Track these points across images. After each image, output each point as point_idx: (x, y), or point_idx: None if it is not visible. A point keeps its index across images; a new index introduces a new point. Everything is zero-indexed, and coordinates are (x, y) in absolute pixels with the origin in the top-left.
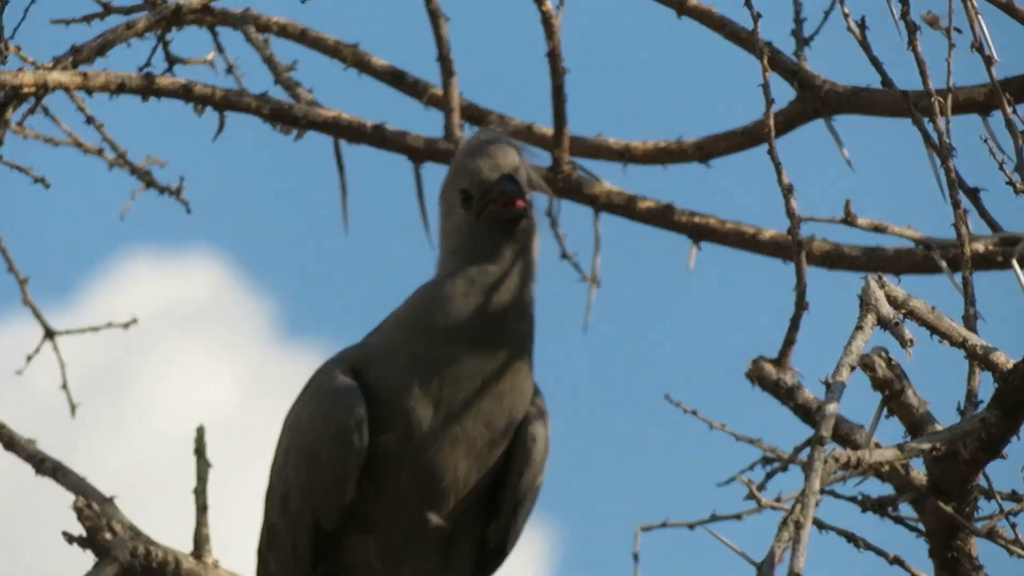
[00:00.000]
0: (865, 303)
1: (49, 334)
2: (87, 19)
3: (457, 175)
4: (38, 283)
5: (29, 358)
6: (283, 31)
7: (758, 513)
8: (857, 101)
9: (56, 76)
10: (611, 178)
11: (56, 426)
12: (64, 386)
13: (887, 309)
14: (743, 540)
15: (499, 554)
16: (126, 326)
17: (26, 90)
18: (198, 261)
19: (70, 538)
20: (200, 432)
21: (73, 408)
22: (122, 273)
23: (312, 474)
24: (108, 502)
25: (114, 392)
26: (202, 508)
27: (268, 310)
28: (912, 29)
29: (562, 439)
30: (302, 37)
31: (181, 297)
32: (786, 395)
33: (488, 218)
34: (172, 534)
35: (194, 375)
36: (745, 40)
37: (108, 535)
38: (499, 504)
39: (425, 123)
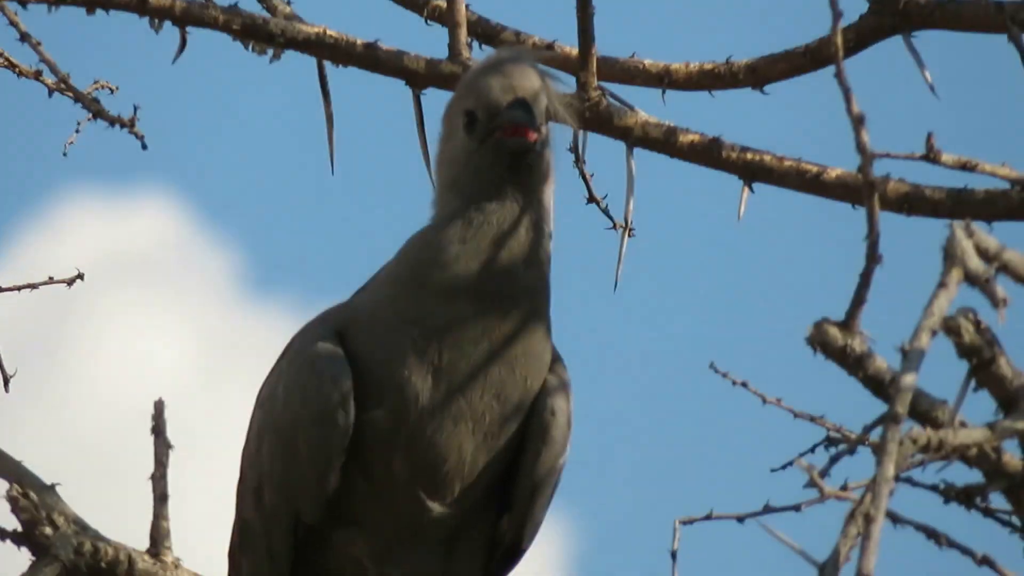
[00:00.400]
0: (950, 255)
1: None
2: None
3: (464, 93)
4: None
5: None
6: None
7: (820, 504)
8: (942, 14)
9: None
10: (647, 107)
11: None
12: None
13: (976, 263)
14: (802, 536)
15: (513, 551)
16: (70, 282)
17: None
18: (150, 202)
19: (2, 533)
20: (159, 408)
21: (7, 379)
22: (60, 217)
23: (289, 459)
24: (48, 490)
25: (51, 359)
26: (161, 497)
27: (233, 262)
28: None
29: (586, 414)
30: None
31: (130, 245)
32: (854, 364)
33: (491, 147)
34: (125, 528)
35: (146, 339)
36: None
37: (48, 529)
38: (513, 491)
39: (426, 41)
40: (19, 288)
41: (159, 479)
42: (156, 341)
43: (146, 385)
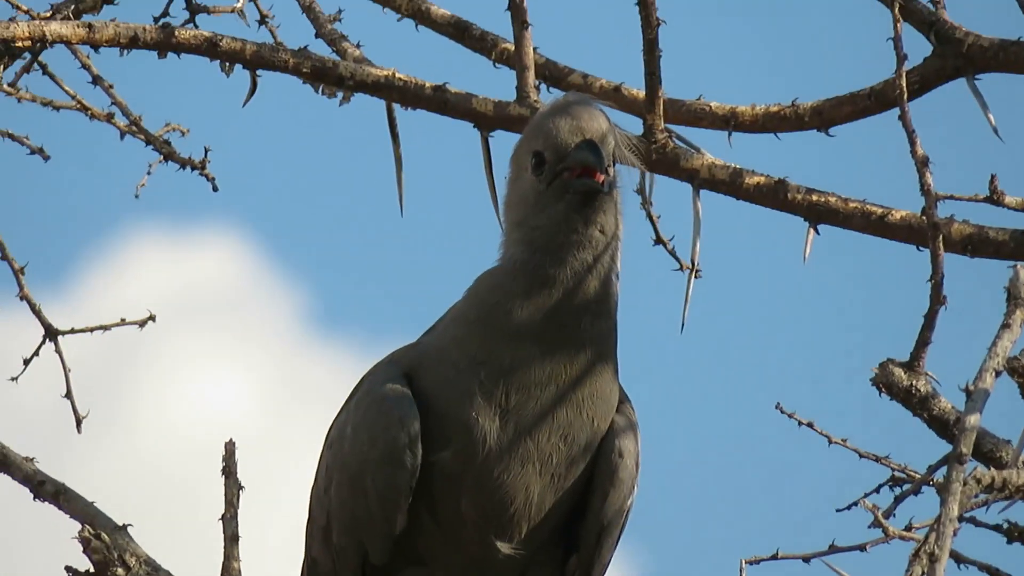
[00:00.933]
0: (1013, 296)
1: (50, 333)
2: None
3: (532, 134)
4: (29, 267)
5: (27, 362)
6: None
7: (885, 543)
8: (1005, 57)
9: (56, 28)
10: (714, 149)
11: (56, 441)
12: (68, 394)
13: None
14: (868, 575)
15: None
16: (142, 324)
17: (20, 44)
18: (218, 241)
19: (75, 573)
20: (229, 449)
21: (79, 421)
22: (126, 254)
23: (357, 499)
24: (120, 530)
25: (120, 399)
26: (232, 538)
27: (300, 300)
28: None
29: (653, 454)
30: None
31: (198, 283)
32: (919, 404)
33: (558, 189)
34: (196, 567)
35: (213, 377)
36: None
37: (120, 570)
38: (580, 532)
39: (494, 84)
40: (91, 330)
41: (230, 520)
42: (223, 379)
43: (213, 423)
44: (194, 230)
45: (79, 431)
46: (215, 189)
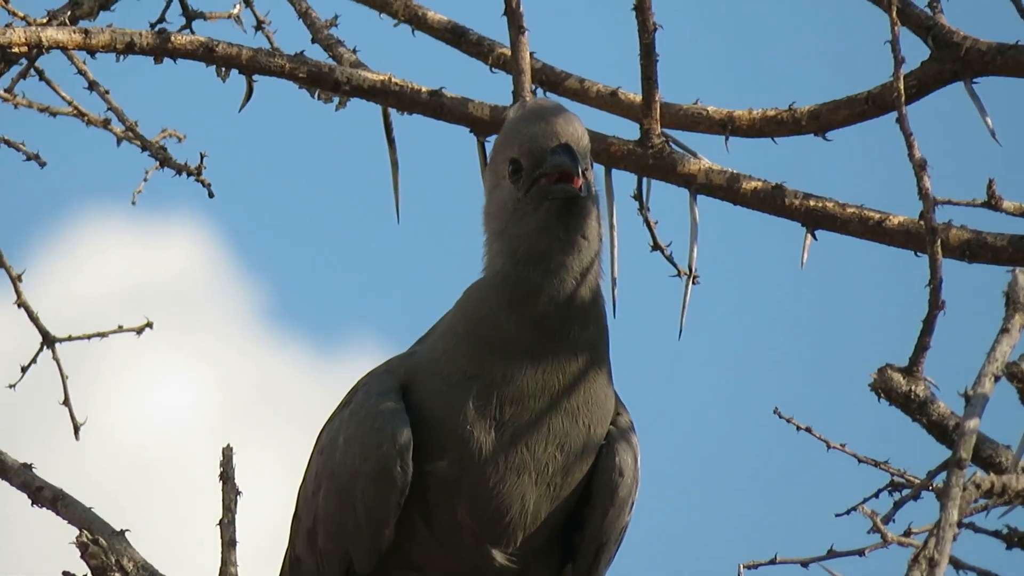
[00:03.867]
0: (1012, 301)
1: (48, 341)
2: None
3: (507, 141)
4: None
5: (24, 369)
6: None
7: (884, 548)
8: (1003, 61)
9: (52, 33)
10: (711, 154)
11: (49, 446)
12: (66, 401)
13: None
14: None
15: None
16: (139, 331)
17: (16, 50)
18: (183, 233)
19: None
20: (227, 454)
21: (77, 428)
22: (78, 238)
23: (345, 512)
24: (117, 536)
25: (93, 400)
26: (229, 543)
27: (263, 294)
28: None
29: (651, 459)
30: None
31: (155, 274)
32: (918, 409)
33: (536, 196)
34: (193, 573)
35: (176, 375)
36: None
37: (117, 575)
38: (579, 546)
39: (491, 89)
40: (89, 337)
41: (227, 525)
42: (185, 376)
43: (171, 421)
44: (162, 222)
45: (77, 438)
46: (211, 195)
